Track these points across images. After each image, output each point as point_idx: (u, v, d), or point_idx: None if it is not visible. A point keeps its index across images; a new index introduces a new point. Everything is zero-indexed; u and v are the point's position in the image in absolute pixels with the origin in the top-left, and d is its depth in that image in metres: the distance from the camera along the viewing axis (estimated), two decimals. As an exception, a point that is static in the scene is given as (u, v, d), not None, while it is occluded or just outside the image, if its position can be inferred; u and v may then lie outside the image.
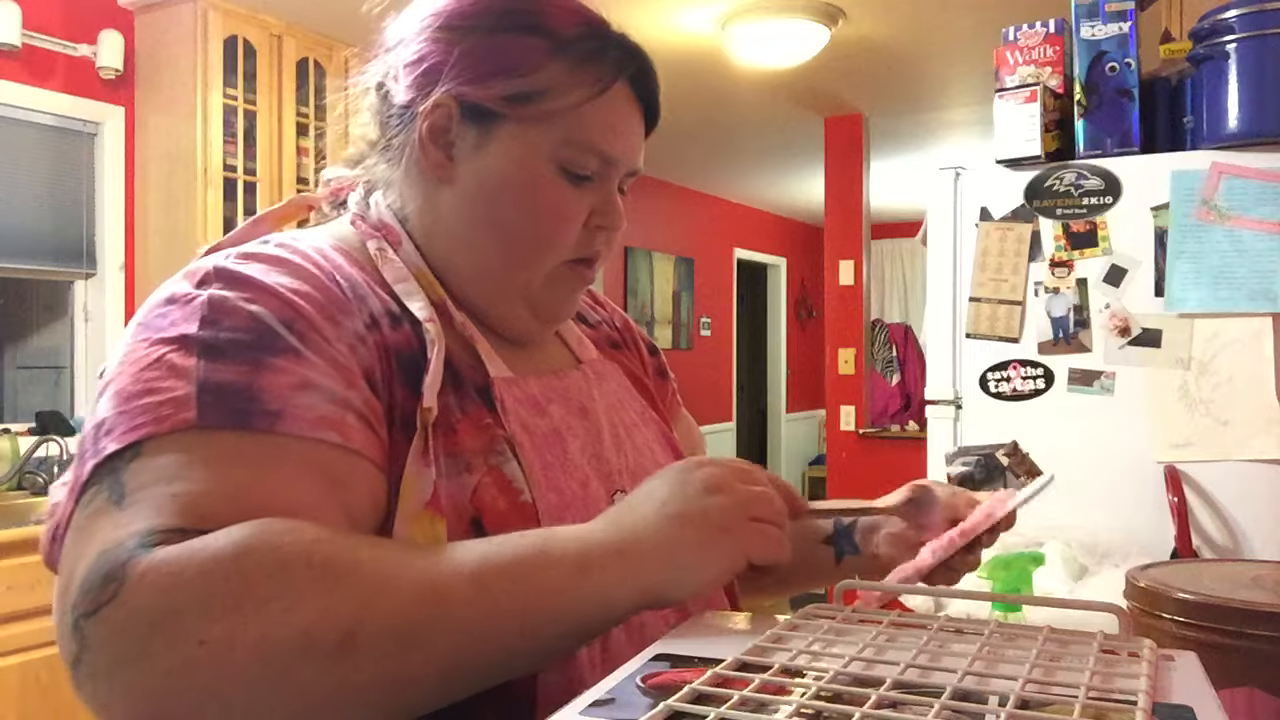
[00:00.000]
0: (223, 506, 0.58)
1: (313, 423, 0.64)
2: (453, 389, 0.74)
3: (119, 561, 0.55)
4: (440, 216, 0.80)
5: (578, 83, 0.77)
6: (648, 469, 0.84)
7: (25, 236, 3.25)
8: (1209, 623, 0.98)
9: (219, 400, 0.62)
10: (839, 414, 5.23)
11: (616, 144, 0.80)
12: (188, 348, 0.63)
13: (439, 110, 0.77)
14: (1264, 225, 1.82)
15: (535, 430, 0.78)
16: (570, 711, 0.51)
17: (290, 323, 0.66)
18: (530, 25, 0.78)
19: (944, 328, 2.13)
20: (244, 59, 3.46)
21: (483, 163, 0.78)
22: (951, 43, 3.99)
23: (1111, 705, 0.50)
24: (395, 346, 0.72)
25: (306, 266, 0.71)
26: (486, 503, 0.70)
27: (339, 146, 0.89)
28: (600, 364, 0.92)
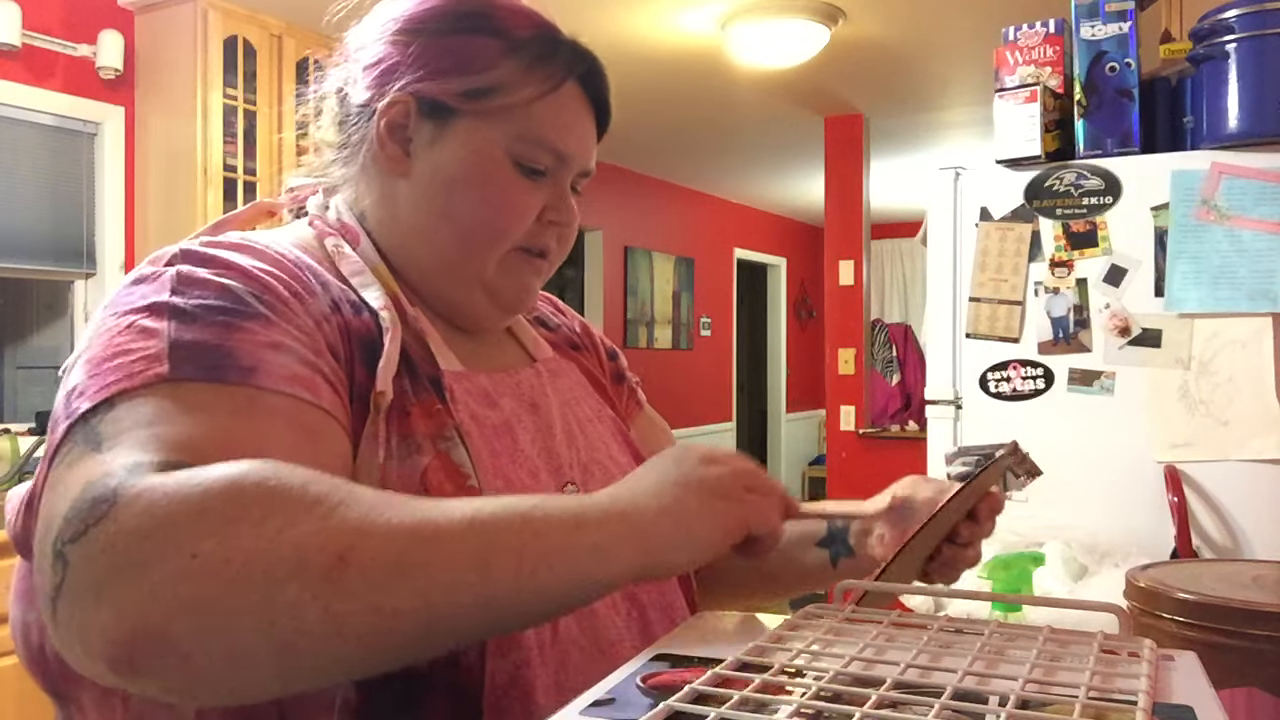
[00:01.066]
0: (208, 445, 0.58)
1: (287, 379, 0.65)
2: (407, 375, 0.76)
3: (108, 488, 0.54)
4: (398, 210, 0.83)
5: (530, 80, 0.81)
6: (600, 462, 0.87)
7: (25, 236, 3.25)
8: (1209, 623, 0.98)
9: (192, 355, 0.62)
10: (839, 414, 5.23)
11: (569, 141, 0.83)
12: (158, 312, 0.64)
13: (396, 106, 0.81)
14: (1264, 225, 1.82)
15: (485, 421, 0.80)
16: (570, 711, 0.51)
17: (259, 294, 0.68)
18: (484, 27, 0.82)
19: (944, 328, 2.13)
20: (244, 59, 3.46)
21: (439, 156, 0.81)
22: (951, 43, 3.99)
23: (1112, 705, 0.50)
24: (356, 331, 0.74)
25: (269, 253, 0.74)
26: (435, 485, 0.72)
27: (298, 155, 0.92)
28: (555, 362, 0.94)
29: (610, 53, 3.05)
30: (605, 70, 0.87)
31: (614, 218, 6.31)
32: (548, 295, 1.07)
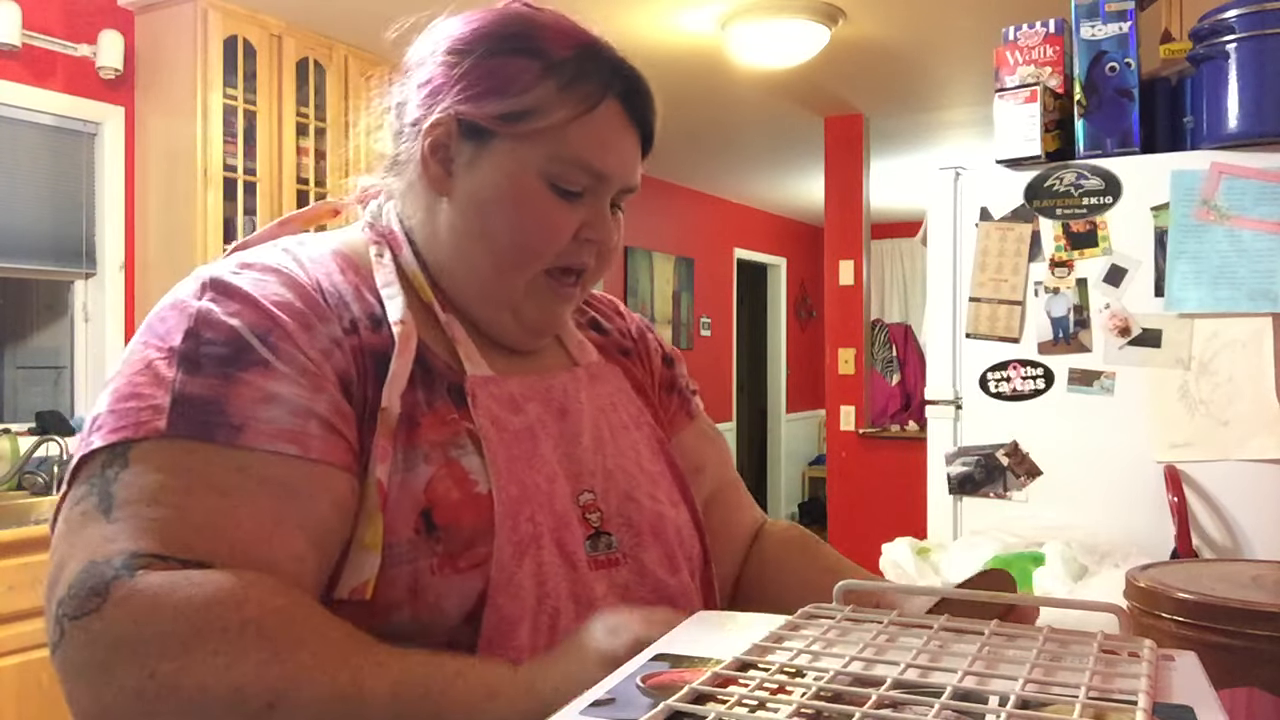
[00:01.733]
0: (195, 538, 0.67)
1: (271, 435, 0.70)
2: (423, 385, 0.79)
3: (104, 579, 0.63)
4: (438, 227, 0.85)
5: (566, 101, 0.82)
6: (626, 470, 0.88)
7: (25, 236, 3.25)
8: (1209, 623, 0.98)
9: (188, 412, 0.70)
10: (839, 414, 5.23)
11: (607, 160, 0.84)
12: (170, 358, 0.72)
13: (439, 127, 0.83)
14: (1264, 225, 1.82)
15: (507, 426, 0.81)
16: (570, 711, 0.51)
17: (266, 334, 0.73)
18: (525, 48, 0.83)
19: (944, 328, 2.13)
20: (244, 59, 3.46)
21: (476, 177, 0.83)
22: (951, 43, 3.99)
23: (1112, 705, 0.50)
24: (372, 348, 0.78)
25: (294, 275, 0.78)
26: (440, 494, 0.75)
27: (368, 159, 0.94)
28: (598, 367, 0.95)
29: (610, 53, 2.93)
30: (648, 87, 0.87)
31: (614, 218, 6.30)
32: (610, 298, 1.08)
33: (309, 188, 3.70)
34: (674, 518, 0.90)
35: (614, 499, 0.86)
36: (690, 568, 0.90)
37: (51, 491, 3.08)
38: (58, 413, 3.28)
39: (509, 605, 0.74)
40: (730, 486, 1.07)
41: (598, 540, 0.83)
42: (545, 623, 0.76)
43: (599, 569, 0.82)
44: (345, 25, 3.63)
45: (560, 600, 0.78)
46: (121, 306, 3.46)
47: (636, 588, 0.84)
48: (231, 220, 3.44)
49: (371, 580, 0.72)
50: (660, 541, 0.87)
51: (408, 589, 0.73)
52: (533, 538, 0.77)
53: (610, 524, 0.84)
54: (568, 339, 0.96)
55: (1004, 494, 2.03)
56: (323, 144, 3.76)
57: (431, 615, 0.73)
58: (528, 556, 0.77)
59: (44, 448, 3.08)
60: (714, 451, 1.05)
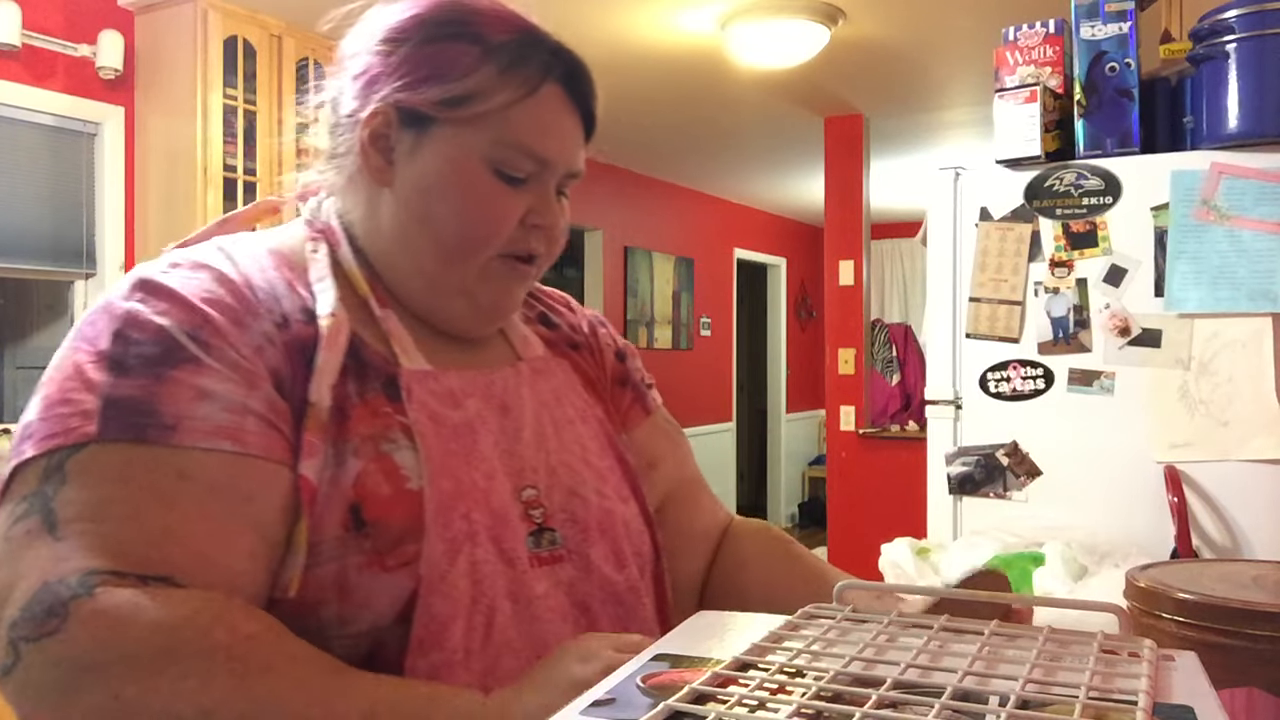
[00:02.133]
0: (148, 550, 0.65)
1: (207, 433, 0.69)
2: (355, 378, 0.77)
3: (61, 598, 0.62)
4: (380, 219, 0.84)
5: (506, 85, 0.81)
6: (570, 465, 0.87)
7: (25, 236, 3.25)
8: (1209, 623, 0.98)
9: (119, 415, 0.68)
10: (839, 414, 5.23)
11: (549, 145, 0.83)
12: (100, 362, 0.71)
13: (378, 116, 0.82)
14: (1264, 225, 1.82)
15: (444, 421, 0.80)
16: (570, 711, 0.51)
17: (196, 331, 0.72)
18: (463, 34, 0.82)
19: (944, 328, 2.13)
20: (244, 59, 3.46)
21: (418, 165, 0.82)
22: (951, 43, 3.99)
23: (1112, 705, 0.50)
24: (303, 342, 0.76)
25: (224, 270, 0.77)
26: (369, 489, 0.73)
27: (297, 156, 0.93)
28: (542, 362, 0.93)
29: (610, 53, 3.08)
30: (588, 71, 0.86)
31: (614, 218, 6.31)
32: (562, 294, 1.07)
33: (309, 188, 3.69)
34: (622, 513, 0.88)
35: (558, 495, 0.84)
36: (640, 564, 0.89)
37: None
38: (58, 413, 3.28)
39: (441, 604, 0.73)
40: (690, 483, 1.05)
41: (541, 537, 0.81)
42: (480, 622, 0.74)
43: (542, 565, 0.80)
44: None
45: (496, 599, 0.76)
46: (121, 306, 3.46)
47: (582, 584, 0.82)
48: (231, 220, 3.44)
49: (295, 578, 0.70)
50: (607, 537, 0.86)
51: (335, 587, 0.71)
52: (467, 535, 0.76)
53: (554, 520, 0.83)
54: (512, 334, 0.94)
55: (1004, 494, 2.03)
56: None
57: (359, 614, 0.71)
58: (461, 554, 0.75)
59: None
60: (671, 447, 1.03)
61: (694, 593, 1.01)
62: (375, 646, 0.72)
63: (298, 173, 0.93)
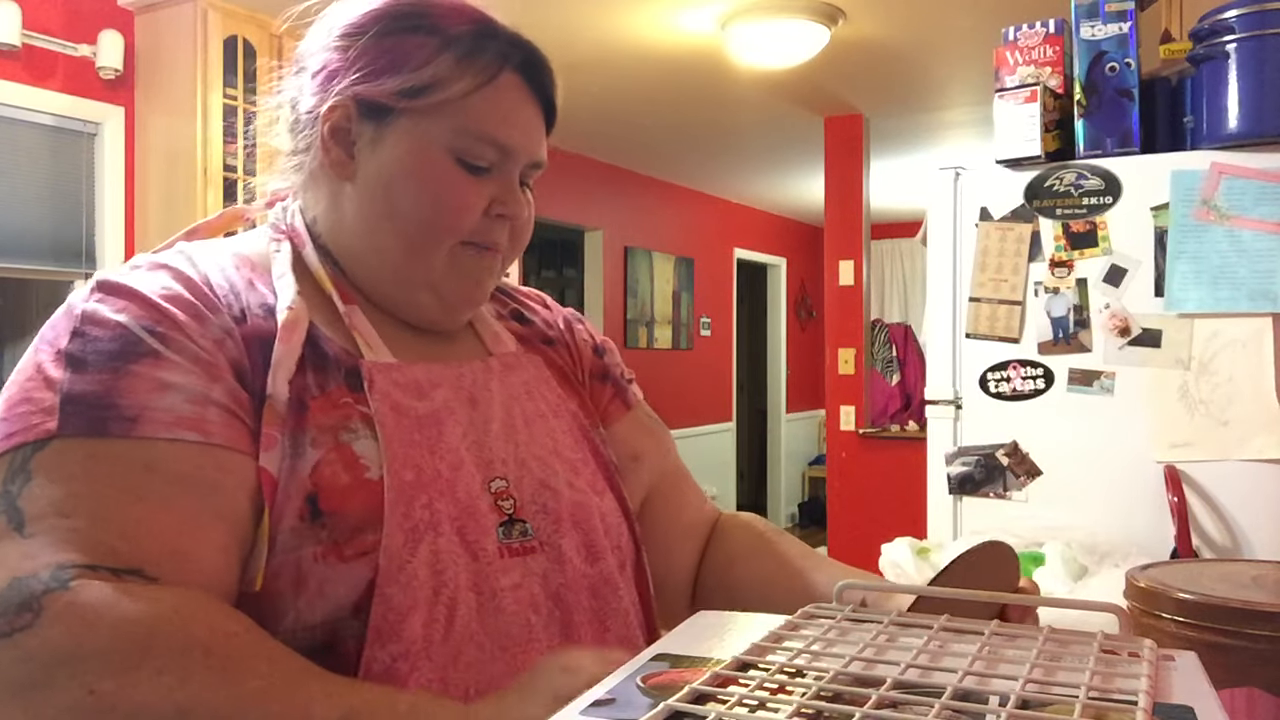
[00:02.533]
0: (119, 543, 0.65)
1: (169, 424, 0.69)
2: (314, 369, 0.77)
3: (33, 592, 0.61)
4: (344, 213, 0.84)
5: (465, 73, 0.81)
6: (541, 458, 0.86)
7: (25, 236, 3.25)
8: (1209, 623, 0.98)
9: (79, 410, 0.68)
10: (839, 414, 5.23)
11: (511, 134, 0.83)
12: (59, 360, 0.71)
13: (338, 110, 0.82)
14: (1264, 225, 1.82)
15: (408, 412, 0.79)
16: (570, 711, 0.51)
17: (154, 325, 0.72)
18: (420, 26, 0.82)
19: (944, 328, 2.13)
20: (244, 59, 3.46)
21: (380, 157, 0.82)
22: (951, 43, 3.99)
23: (1112, 705, 0.50)
24: (262, 335, 0.76)
25: (182, 269, 0.78)
26: (326, 479, 0.73)
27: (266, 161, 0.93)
28: (513, 357, 0.93)
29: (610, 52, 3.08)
30: (547, 60, 0.87)
31: (614, 218, 6.31)
32: (538, 292, 1.06)
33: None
34: (597, 505, 0.87)
35: (528, 486, 0.83)
36: (620, 557, 0.88)
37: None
38: (58, 413, 3.28)
39: (399, 595, 0.72)
40: (674, 476, 1.04)
41: (511, 528, 0.80)
42: (442, 613, 0.73)
43: (513, 557, 0.79)
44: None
45: (459, 590, 0.75)
46: (121, 306, 3.46)
47: (555, 575, 0.81)
48: (231, 220, 3.44)
49: (260, 572, 0.70)
50: (580, 529, 0.85)
51: (291, 579, 0.70)
52: (429, 524, 0.75)
53: (525, 511, 0.82)
54: (483, 330, 0.94)
55: (1004, 494, 2.03)
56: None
57: (315, 605, 0.71)
58: (423, 544, 0.74)
59: None
60: (652, 441, 1.03)
61: (685, 588, 1.00)
62: (332, 638, 0.71)
63: (260, 177, 0.93)
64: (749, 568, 0.99)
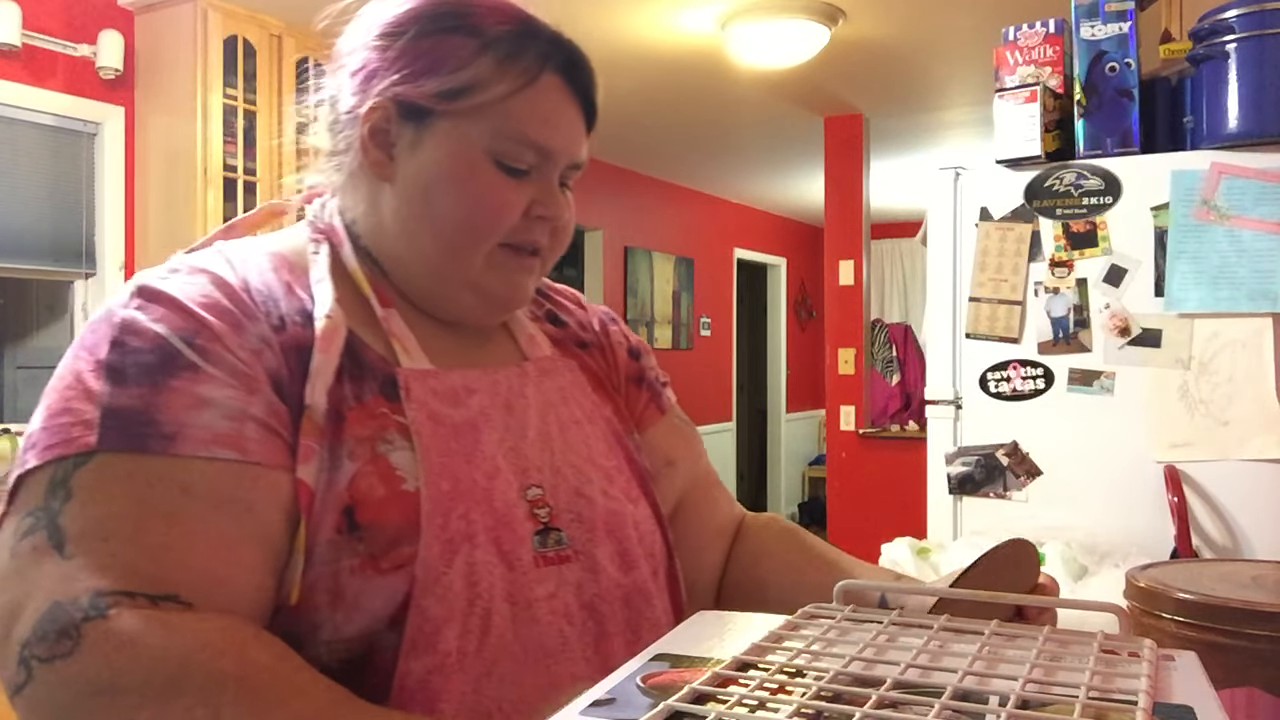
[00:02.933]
0: (154, 569, 0.65)
1: (206, 442, 0.69)
2: (351, 379, 0.76)
3: (73, 619, 0.62)
4: (383, 214, 0.83)
5: (505, 75, 0.80)
6: (576, 465, 0.85)
7: (25, 236, 3.25)
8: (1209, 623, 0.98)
9: (119, 425, 0.68)
10: (839, 414, 5.23)
11: (551, 136, 0.82)
12: (99, 371, 0.70)
13: (377, 111, 0.81)
14: (1264, 225, 1.82)
15: (445, 420, 0.79)
16: (570, 711, 0.51)
17: (193, 337, 0.72)
18: (460, 26, 0.81)
19: (944, 328, 2.13)
20: (244, 59, 3.46)
21: (419, 158, 0.81)
22: (951, 43, 3.99)
23: (1112, 705, 0.50)
24: (300, 344, 0.76)
25: (221, 274, 0.77)
26: (363, 491, 0.72)
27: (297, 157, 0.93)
28: (549, 362, 0.92)
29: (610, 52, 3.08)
30: (588, 60, 0.86)
31: (614, 218, 6.31)
32: (572, 291, 1.05)
33: (309, 188, 3.70)
34: (631, 513, 0.87)
35: (563, 494, 0.83)
36: (653, 565, 0.87)
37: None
38: (58, 413, 3.28)
39: (435, 607, 0.71)
40: (705, 481, 1.04)
41: (547, 536, 0.80)
42: (476, 624, 0.73)
43: (548, 565, 0.79)
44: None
45: (494, 600, 0.74)
46: (121, 306, 3.46)
47: (590, 585, 0.81)
48: (231, 220, 3.44)
49: (296, 585, 0.70)
50: (614, 538, 0.84)
51: (328, 591, 0.70)
52: (465, 535, 0.74)
53: (560, 519, 0.81)
54: (519, 333, 0.93)
55: (1004, 494, 2.03)
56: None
57: (351, 618, 0.71)
58: (459, 555, 0.73)
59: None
60: (686, 446, 1.02)
61: (713, 589, 1.00)
62: (368, 650, 0.71)
63: (300, 174, 0.92)
64: (776, 562, 0.98)
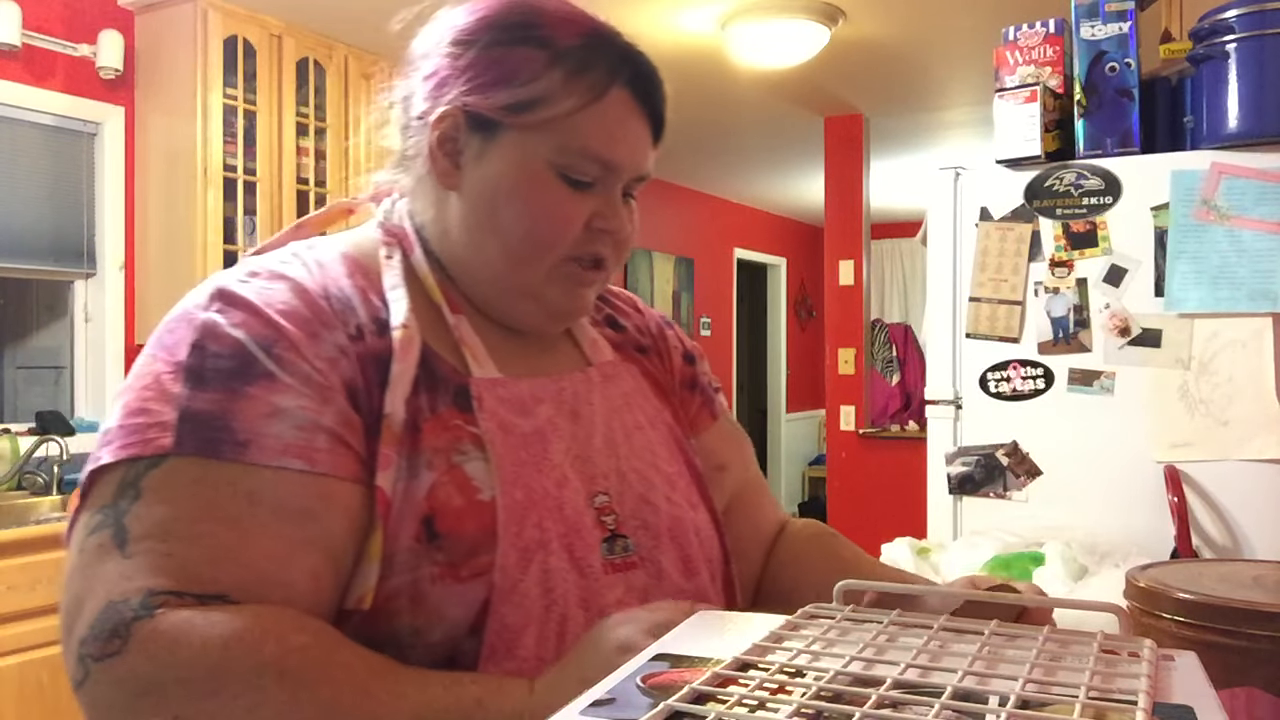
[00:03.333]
0: (210, 570, 0.67)
1: (278, 451, 0.70)
2: (426, 390, 0.78)
3: (124, 619, 0.64)
4: (449, 221, 0.84)
5: (572, 90, 0.81)
6: (640, 471, 0.87)
7: (25, 236, 3.25)
8: (1209, 623, 0.98)
9: (194, 429, 0.70)
10: (839, 414, 5.23)
11: (615, 150, 0.83)
12: (177, 374, 0.72)
13: (446, 120, 0.82)
14: (1264, 225, 1.82)
15: (514, 430, 0.80)
16: (570, 711, 0.51)
17: (271, 345, 0.73)
18: (530, 37, 0.81)
19: (944, 328, 2.13)
20: (244, 59, 3.46)
21: (485, 169, 0.82)
22: (951, 43, 3.99)
23: (1112, 705, 0.50)
24: (376, 354, 0.77)
25: (301, 280, 0.78)
26: (441, 501, 0.74)
27: (380, 157, 0.93)
28: (612, 367, 0.93)
29: (610, 53, 2.92)
30: (657, 73, 0.86)
31: (614, 218, 6.30)
32: (629, 294, 1.07)
33: (309, 188, 3.70)
34: (692, 519, 0.89)
35: (629, 501, 0.84)
36: (711, 570, 0.89)
37: (51, 491, 3.08)
38: (58, 413, 3.28)
39: (513, 614, 0.73)
40: (753, 486, 1.05)
41: (614, 543, 0.82)
42: (553, 630, 0.75)
43: (615, 572, 0.80)
44: (345, 25, 3.63)
45: (569, 607, 0.76)
46: (121, 306, 3.46)
47: (654, 591, 0.82)
48: (231, 220, 3.44)
49: (369, 591, 0.71)
50: (678, 544, 0.86)
51: (409, 599, 0.72)
52: (539, 544, 0.76)
53: (626, 526, 0.83)
54: (581, 337, 0.94)
55: (1004, 494, 2.03)
56: (323, 144, 3.76)
57: (432, 625, 0.72)
58: (534, 563, 0.75)
59: (44, 448, 3.08)
60: (737, 451, 1.04)
61: (751, 594, 1.01)
62: (452, 655, 0.73)
63: (371, 174, 0.93)
64: (804, 567, 0.99)
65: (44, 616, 2.53)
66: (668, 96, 0.87)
